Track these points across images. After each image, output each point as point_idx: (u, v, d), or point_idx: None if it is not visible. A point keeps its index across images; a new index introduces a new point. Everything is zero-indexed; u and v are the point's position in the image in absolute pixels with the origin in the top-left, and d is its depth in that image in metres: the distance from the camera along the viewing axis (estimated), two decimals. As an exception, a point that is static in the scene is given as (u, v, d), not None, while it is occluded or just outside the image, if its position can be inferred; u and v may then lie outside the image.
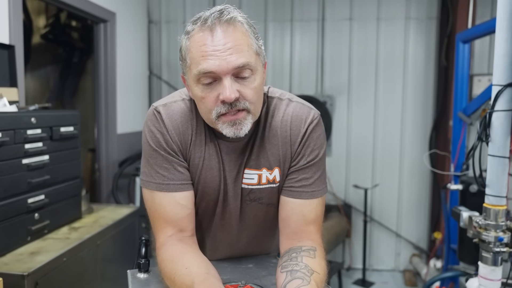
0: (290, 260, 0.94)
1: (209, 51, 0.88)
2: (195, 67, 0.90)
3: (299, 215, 1.02)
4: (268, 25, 3.70)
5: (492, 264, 1.43)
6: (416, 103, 3.58)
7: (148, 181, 1.01)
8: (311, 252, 0.96)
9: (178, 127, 1.00)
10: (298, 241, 1.01)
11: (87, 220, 2.14)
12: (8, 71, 2.06)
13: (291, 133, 1.03)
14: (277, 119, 1.04)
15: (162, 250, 0.97)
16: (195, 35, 0.91)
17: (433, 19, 3.50)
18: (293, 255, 0.96)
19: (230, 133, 0.93)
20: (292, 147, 1.03)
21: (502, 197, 1.41)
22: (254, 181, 1.04)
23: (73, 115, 2.06)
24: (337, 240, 3.34)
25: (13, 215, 1.67)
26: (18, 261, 1.57)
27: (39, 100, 3.95)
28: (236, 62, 0.88)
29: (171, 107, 1.02)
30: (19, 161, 1.69)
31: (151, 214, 1.02)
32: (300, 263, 0.92)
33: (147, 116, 1.02)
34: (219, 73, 0.88)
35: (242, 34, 0.91)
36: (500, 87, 1.39)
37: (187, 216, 1.00)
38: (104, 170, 3.18)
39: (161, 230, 1.00)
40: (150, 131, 1.00)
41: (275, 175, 1.04)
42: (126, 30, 3.33)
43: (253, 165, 1.03)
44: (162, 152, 0.99)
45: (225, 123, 0.92)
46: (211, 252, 1.14)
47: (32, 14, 3.76)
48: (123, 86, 3.30)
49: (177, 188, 0.99)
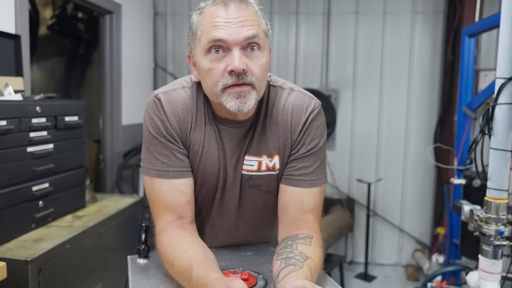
0: (286, 248, 0.95)
1: (221, 22, 0.90)
2: (206, 36, 0.92)
3: (297, 203, 1.03)
4: (273, 18, 3.69)
5: (492, 258, 1.43)
6: (422, 98, 3.56)
7: (148, 168, 1.02)
8: (307, 240, 0.97)
9: (178, 114, 1.01)
10: (296, 229, 1.01)
11: (91, 209, 2.16)
12: (14, 61, 2.08)
13: (292, 121, 1.04)
14: (278, 107, 1.05)
15: (162, 236, 0.99)
16: (208, 9, 0.93)
17: (440, 13, 3.48)
18: (289, 242, 0.97)
19: (234, 106, 0.92)
20: (292, 136, 1.04)
21: (503, 191, 1.41)
22: (254, 167, 1.05)
23: (78, 105, 2.08)
24: (340, 234, 3.35)
25: (18, 202, 1.69)
26: (22, 247, 1.59)
27: (45, 91, 3.98)
28: (247, 33, 0.91)
29: (171, 94, 1.03)
30: (24, 149, 1.71)
31: (150, 200, 1.04)
32: (295, 250, 0.93)
33: (148, 103, 1.03)
34: (230, 43, 0.90)
35: (254, 13, 0.94)
36: (503, 80, 1.38)
37: (186, 203, 1.01)
38: (108, 161, 3.20)
39: (161, 216, 1.01)
40: (150, 118, 1.01)
41: (275, 163, 1.05)
42: (131, 22, 3.34)
43: (254, 151, 1.04)
44: (162, 139, 1.00)
45: (230, 95, 0.92)
46: (210, 239, 1.15)
47: (39, 6, 3.78)
48: (128, 77, 3.31)
49: (177, 175, 1.00)
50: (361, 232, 3.65)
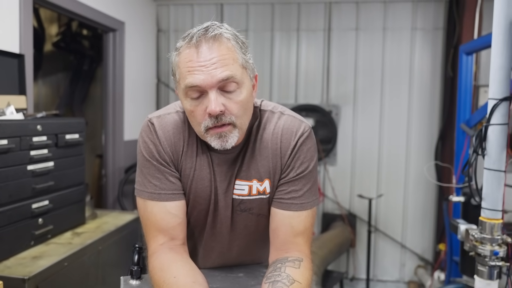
0: (274, 271, 0.96)
1: (195, 67, 0.91)
2: (183, 81, 0.94)
3: (287, 226, 1.04)
4: (274, 34, 3.74)
5: (488, 278, 1.43)
6: (422, 114, 3.57)
7: (141, 190, 1.04)
8: (296, 263, 0.98)
9: (170, 138, 1.03)
10: (286, 252, 1.02)
11: (90, 225, 2.18)
12: (18, 79, 2.12)
13: (282, 145, 1.05)
14: (268, 131, 1.06)
15: (154, 258, 1.00)
16: (183, 52, 0.95)
17: (440, 30, 3.50)
18: (278, 265, 0.98)
19: (217, 146, 0.96)
20: (282, 160, 1.05)
21: (497, 211, 1.41)
22: (244, 192, 1.06)
23: (79, 122, 2.11)
24: (341, 250, 3.33)
25: (17, 219, 1.71)
26: (20, 265, 1.61)
27: (49, 106, 4.04)
28: (221, 75, 0.91)
29: (164, 119, 1.05)
30: (24, 167, 1.74)
31: (143, 222, 1.05)
32: (283, 273, 0.94)
33: (142, 127, 1.06)
34: (204, 87, 0.92)
35: (227, 49, 0.93)
36: (495, 100, 1.39)
37: (178, 225, 1.03)
38: (110, 176, 3.23)
39: (153, 238, 1.03)
40: (144, 142, 1.04)
41: (266, 187, 1.06)
42: (135, 39, 3.40)
43: (244, 176, 1.06)
44: (155, 162, 1.02)
45: (213, 136, 0.96)
46: (203, 261, 1.16)
47: (45, 23, 3.86)
48: (131, 93, 3.36)
49: (168, 197, 1.02)
50: (362, 248, 3.62)
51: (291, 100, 3.67)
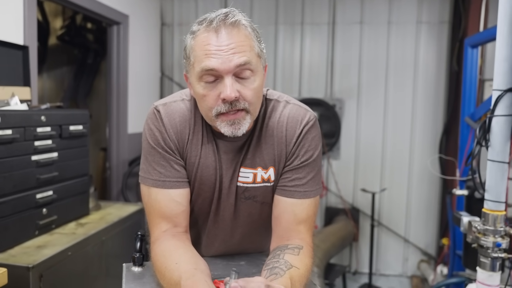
0: (273, 258, 0.97)
1: (213, 50, 0.92)
2: (198, 64, 0.93)
3: (290, 214, 1.04)
4: (278, 28, 3.72)
5: (490, 270, 1.42)
6: (427, 108, 3.55)
7: (146, 177, 1.04)
8: (296, 250, 0.98)
9: (176, 126, 1.03)
10: (287, 239, 1.03)
11: (94, 216, 2.19)
12: (22, 71, 2.13)
13: (287, 133, 1.06)
14: (273, 120, 1.07)
15: (156, 245, 1.01)
16: (200, 35, 0.94)
17: (445, 23, 3.48)
18: (277, 252, 0.98)
19: (228, 132, 0.96)
20: (287, 147, 1.06)
21: (501, 202, 1.40)
22: (249, 179, 1.07)
23: (83, 114, 2.12)
24: (344, 243, 3.33)
25: (22, 209, 1.73)
26: (24, 254, 1.63)
27: (54, 100, 4.05)
28: (238, 60, 0.92)
29: (170, 106, 1.05)
30: (28, 158, 1.75)
31: (147, 209, 1.06)
32: (281, 260, 0.94)
33: (148, 114, 1.06)
34: (221, 72, 0.92)
35: (245, 37, 0.95)
36: (500, 91, 1.38)
37: (181, 213, 1.03)
38: (114, 169, 3.24)
39: (156, 225, 1.03)
40: (150, 129, 1.04)
41: (270, 175, 1.07)
42: (139, 32, 3.40)
43: (249, 164, 1.06)
44: (160, 149, 1.02)
45: (224, 122, 0.95)
46: (206, 248, 1.17)
47: (49, 16, 3.87)
48: (134, 87, 3.37)
49: (173, 185, 1.02)
50: (365, 242, 3.62)
51: (294, 94, 3.66)
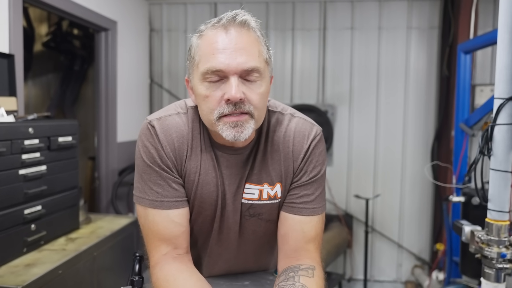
0: (287, 280, 0.92)
1: (220, 49, 0.88)
2: (204, 64, 0.89)
3: (299, 232, 1.00)
4: (269, 33, 3.69)
5: (495, 281, 1.40)
6: (418, 113, 3.56)
7: (142, 197, 0.98)
8: (309, 271, 0.94)
9: (173, 142, 0.98)
10: (297, 259, 0.98)
11: (85, 230, 2.12)
12: (8, 80, 2.05)
13: (294, 148, 1.02)
14: (279, 134, 1.03)
15: (157, 269, 0.95)
16: (208, 33, 0.91)
17: (435, 29, 3.50)
18: (290, 274, 0.94)
19: (230, 136, 0.90)
20: (294, 163, 1.02)
21: (504, 212, 1.39)
22: (254, 196, 1.02)
23: (72, 124, 2.05)
24: (338, 250, 3.30)
25: (9, 226, 1.65)
26: (12, 274, 1.55)
27: (40, 108, 3.95)
28: (246, 64, 0.88)
29: (165, 121, 0.99)
30: (15, 172, 1.68)
31: (144, 231, 1.00)
32: (297, 283, 0.90)
33: (141, 130, 1.00)
34: (227, 72, 0.88)
35: (255, 39, 0.92)
36: (502, 100, 1.37)
37: (181, 234, 0.98)
38: (104, 179, 3.16)
39: (155, 248, 0.98)
40: (144, 146, 0.98)
41: (277, 191, 1.03)
42: (127, 39, 3.33)
43: (255, 179, 1.02)
44: (156, 168, 0.97)
45: (226, 125, 0.90)
46: (208, 269, 1.12)
47: (34, 22, 3.77)
48: (123, 94, 3.29)
49: (171, 205, 0.97)
50: (359, 248, 3.60)
51: (286, 100, 3.63)
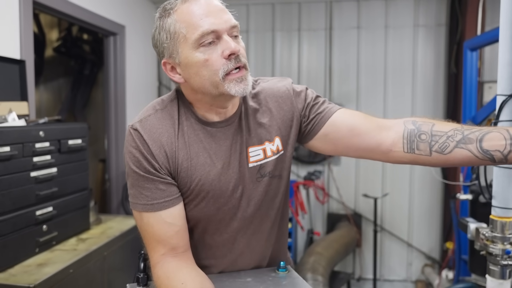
0: (445, 137, 0.95)
1: (205, 13, 0.93)
2: (194, 31, 0.92)
3: (355, 116, 1.06)
4: (276, 34, 3.72)
5: (500, 278, 1.40)
6: (426, 111, 3.54)
7: (135, 202, 1.00)
8: (427, 121, 0.99)
9: (159, 139, 0.98)
10: (394, 125, 1.01)
11: (95, 231, 2.16)
12: (19, 85, 2.11)
13: (282, 100, 1.09)
14: (261, 96, 1.09)
15: (157, 268, 0.98)
16: (182, 7, 0.95)
17: (442, 26, 3.48)
18: (437, 133, 0.96)
19: (240, 90, 0.94)
20: (293, 108, 1.09)
21: (508, 209, 1.38)
22: (260, 156, 1.05)
23: (81, 127, 2.10)
24: (347, 250, 3.30)
25: (22, 227, 1.70)
26: (25, 273, 1.59)
27: (51, 112, 4.03)
28: (231, 21, 0.96)
29: (147, 121, 1.00)
30: (27, 174, 1.73)
31: (141, 233, 1.03)
32: (456, 130, 0.94)
33: (126, 137, 1.01)
34: (220, 30, 0.93)
35: (221, 3, 0.99)
36: (504, 97, 1.36)
37: (176, 234, 0.99)
38: (114, 181, 3.21)
39: (153, 248, 1.00)
40: (129, 152, 0.98)
41: (278, 145, 1.07)
42: (135, 42, 3.38)
43: (255, 141, 1.05)
44: (142, 172, 0.97)
45: (232, 82, 0.94)
46: (230, 256, 1.11)
47: (45, 28, 3.85)
48: (132, 97, 3.35)
49: (162, 206, 0.98)
50: (369, 247, 3.60)
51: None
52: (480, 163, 0.93)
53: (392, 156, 1.02)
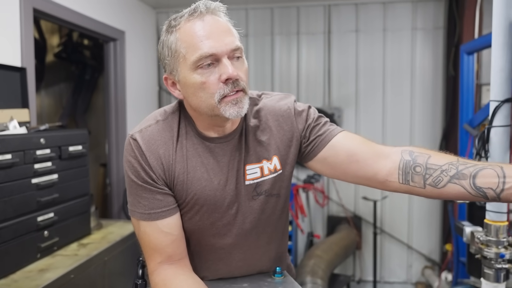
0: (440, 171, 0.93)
1: (206, 35, 0.92)
2: (193, 53, 0.92)
3: (354, 140, 1.06)
4: (274, 38, 3.74)
5: (495, 281, 1.42)
6: (425, 114, 3.56)
7: (133, 210, 1.02)
8: (426, 152, 0.97)
9: (157, 151, 0.99)
10: (390, 154, 1.00)
11: (96, 236, 2.18)
12: (20, 93, 2.14)
13: (283, 119, 1.08)
14: (262, 113, 1.08)
15: (155, 275, 1.00)
16: (185, 26, 0.95)
17: (440, 29, 3.50)
18: (431, 167, 0.95)
19: (234, 113, 0.94)
20: (293, 129, 1.08)
21: (502, 213, 1.40)
22: (257, 174, 1.05)
23: (82, 134, 2.12)
24: (347, 252, 3.32)
25: (23, 233, 1.72)
26: (27, 278, 1.62)
27: (52, 117, 4.06)
28: (232, 44, 0.94)
29: (147, 132, 1.01)
30: (28, 181, 1.75)
31: (139, 241, 1.04)
32: (450, 163, 0.93)
33: (125, 145, 1.03)
34: (219, 54, 0.92)
35: (227, 23, 0.98)
36: (497, 102, 1.38)
37: (172, 243, 1.00)
38: (115, 185, 3.24)
39: (150, 257, 1.02)
40: (128, 161, 1.00)
41: (275, 164, 1.07)
42: (135, 47, 3.41)
43: (253, 159, 1.05)
44: (141, 182, 0.99)
45: (228, 104, 0.94)
46: (226, 269, 1.13)
47: (46, 34, 3.88)
48: (133, 101, 3.37)
49: (159, 216, 0.99)
50: (368, 250, 3.61)
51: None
52: (473, 199, 0.93)
53: (387, 186, 1.02)
